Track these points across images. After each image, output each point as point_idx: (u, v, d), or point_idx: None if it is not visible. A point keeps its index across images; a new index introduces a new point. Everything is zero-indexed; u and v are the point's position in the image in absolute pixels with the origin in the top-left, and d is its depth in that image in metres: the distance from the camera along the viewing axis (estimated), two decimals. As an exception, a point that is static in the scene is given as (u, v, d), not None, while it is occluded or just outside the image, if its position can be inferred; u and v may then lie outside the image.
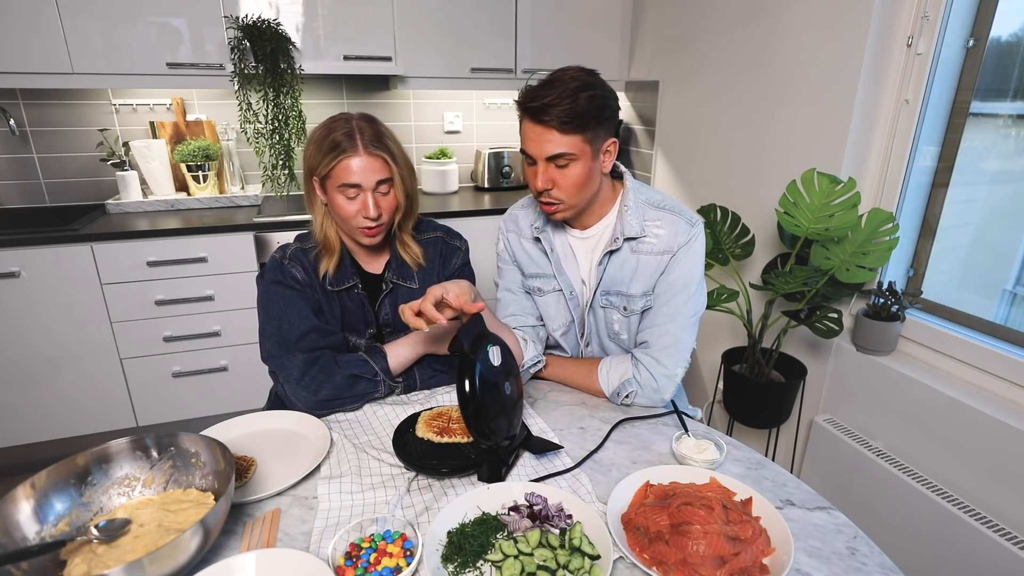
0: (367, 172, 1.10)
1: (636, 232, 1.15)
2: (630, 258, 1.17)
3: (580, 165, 1.07)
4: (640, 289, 1.18)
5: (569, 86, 1.01)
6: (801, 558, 0.77)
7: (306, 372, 1.08)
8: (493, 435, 0.90)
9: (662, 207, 1.17)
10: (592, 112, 1.03)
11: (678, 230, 1.15)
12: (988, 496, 1.40)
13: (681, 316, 1.15)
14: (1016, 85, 1.49)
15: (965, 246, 1.67)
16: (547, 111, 1.02)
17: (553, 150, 1.05)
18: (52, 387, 2.07)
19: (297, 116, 2.24)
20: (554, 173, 1.08)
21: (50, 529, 0.75)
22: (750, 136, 2.03)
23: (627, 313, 1.20)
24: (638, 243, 1.16)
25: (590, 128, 1.04)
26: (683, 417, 1.08)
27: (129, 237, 2.01)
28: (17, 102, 2.23)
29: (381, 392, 1.14)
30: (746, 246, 1.92)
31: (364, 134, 1.10)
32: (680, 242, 1.14)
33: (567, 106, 1.01)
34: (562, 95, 1.01)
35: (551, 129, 1.03)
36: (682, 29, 2.32)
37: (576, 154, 1.06)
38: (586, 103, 1.02)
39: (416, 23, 2.32)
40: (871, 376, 1.67)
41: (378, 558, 0.73)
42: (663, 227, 1.15)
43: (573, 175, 1.07)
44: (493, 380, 0.92)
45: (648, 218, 1.17)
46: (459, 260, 1.32)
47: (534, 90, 1.04)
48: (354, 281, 1.22)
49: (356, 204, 1.12)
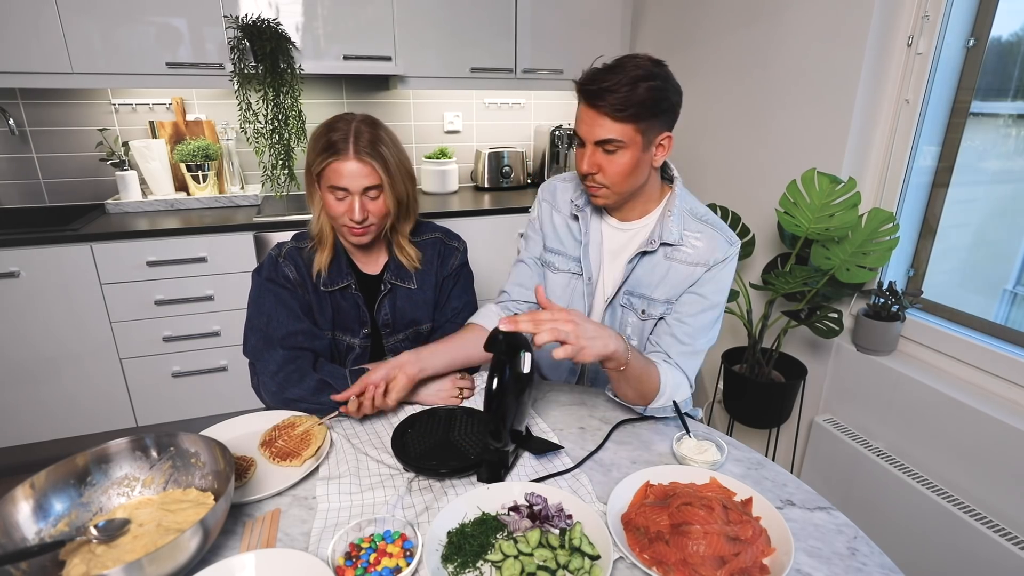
0: (355, 177, 1.10)
1: (675, 239, 1.12)
2: (662, 263, 1.14)
3: (628, 154, 1.04)
4: (664, 296, 1.15)
5: (631, 74, 0.99)
6: (801, 558, 0.77)
7: (282, 368, 1.10)
8: (503, 439, 0.91)
9: (705, 220, 1.15)
10: (648, 103, 1.00)
11: (716, 246, 1.12)
12: (988, 496, 1.40)
13: (705, 333, 1.14)
14: (1016, 85, 1.49)
15: (965, 246, 1.67)
16: (603, 96, 0.99)
17: (602, 135, 1.03)
18: (52, 387, 2.07)
19: (297, 116, 2.24)
20: (601, 158, 1.06)
21: (49, 529, 0.75)
22: (750, 136, 2.03)
23: (644, 317, 1.18)
24: (674, 250, 1.13)
25: (644, 119, 1.01)
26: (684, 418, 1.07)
27: (129, 237, 2.01)
28: (17, 102, 2.23)
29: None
30: (746, 246, 1.92)
31: (360, 139, 1.10)
32: (717, 258, 1.11)
33: (624, 94, 0.98)
34: (621, 82, 0.98)
35: (604, 115, 1.01)
36: (682, 29, 2.32)
37: (626, 142, 1.03)
38: (644, 93, 0.99)
39: (416, 23, 2.32)
40: (871, 376, 1.67)
41: (378, 558, 0.73)
42: (702, 240, 1.12)
43: (620, 163, 1.05)
44: (520, 386, 0.91)
45: (689, 228, 1.14)
46: (456, 261, 1.32)
47: (596, 73, 1.02)
48: (348, 281, 1.22)
49: (344, 205, 1.12)
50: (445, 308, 1.31)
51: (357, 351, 1.26)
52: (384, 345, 1.29)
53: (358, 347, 1.26)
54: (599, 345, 0.91)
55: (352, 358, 1.26)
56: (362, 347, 1.26)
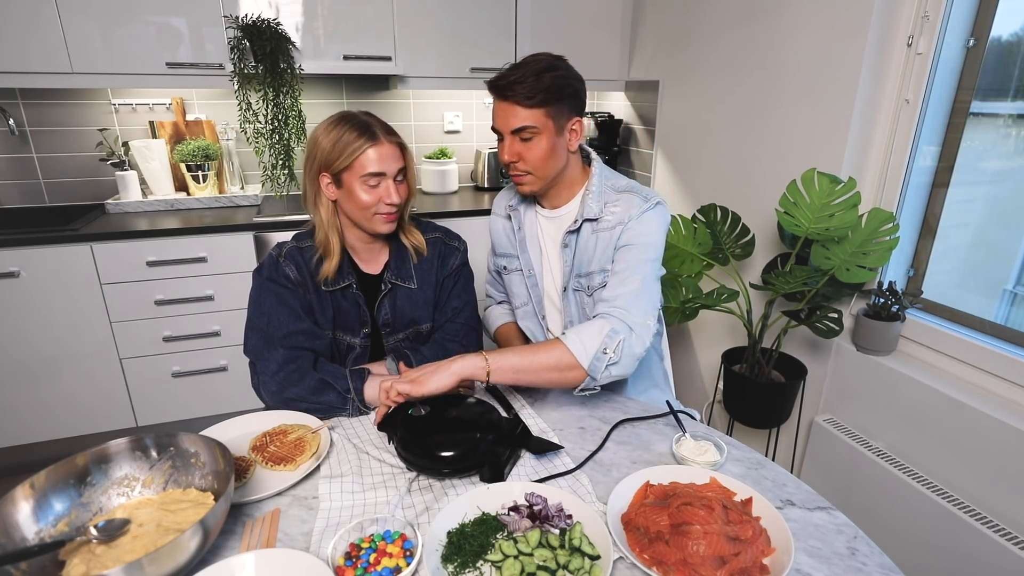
0: (389, 160, 1.14)
1: (595, 214, 1.20)
2: (590, 239, 1.22)
3: (544, 139, 1.14)
4: (599, 266, 1.21)
5: (534, 67, 1.10)
6: (801, 558, 0.77)
7: (282, 368, 1.10)
8: (448, 450, 0.93)
9: (625, 190, 1.21)
10: (553, 89, 1.10)
11: (632, 204, 1.18)
12: (988, 496, 1.40)
13: (641, 270, 1.13)
14: (1016, 85, 1.49)
15: (965, 246, 1.67)
16: (512, 87, 1.10)
17: (517, 123, 1.12)
18: (52, 387, 2.07)
19: (297, 116, 2.24)
20: (519, 147, 1.15)
21: (49, 529, 0.75)
22: (750, 136, 2.03)
23: (590, 292, 1.24)
24: (598, 224, 1.21)
25: (551, 104, 1.11)
26: (679, 418, 1.07)
27: (129, 237, 2.01)
28: (17, 102, 2.23)
29: (348, 411, 1.11)
30: (746, 246, 1.92)
31: (383, 124, 1.16)
32: (632, 215, 1.16)
33: (530, 83, 1.09)
34: (527, 74, 1.10)
35: (515, 104, 1.11)
36: (682, 29, 2.32)
37: (539, 127, 1.12)
38: (548, 81, 1.10)
39: (416, 23, 2.32)
40: (871, 376, 1.67)
41: (378, 558, 0.73)
42: (620, 206, 1.19)
43: (537, 148, 1.14)
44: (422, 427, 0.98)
45: (609, 200, 1.21)
46: (457, 260, 1.32)
47: (504, 71, 1.13)
48: (349, 281, 1.22)
49: (378, 192, 1.14)
50: (445, 308, 1.31)
51: (358, 350, 1.26)
52: (384, 345, 1.29)
53: (358, 346, 1.26)
54: (434, 378, 0.99)
55: (352, 358, 1.26)
56: (362, 347, 1.26)
